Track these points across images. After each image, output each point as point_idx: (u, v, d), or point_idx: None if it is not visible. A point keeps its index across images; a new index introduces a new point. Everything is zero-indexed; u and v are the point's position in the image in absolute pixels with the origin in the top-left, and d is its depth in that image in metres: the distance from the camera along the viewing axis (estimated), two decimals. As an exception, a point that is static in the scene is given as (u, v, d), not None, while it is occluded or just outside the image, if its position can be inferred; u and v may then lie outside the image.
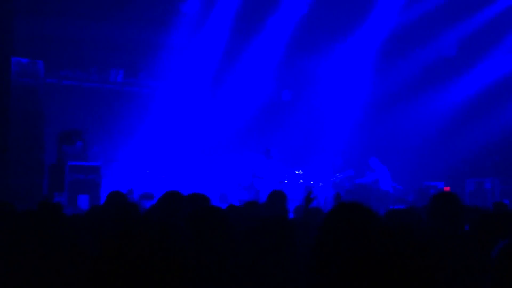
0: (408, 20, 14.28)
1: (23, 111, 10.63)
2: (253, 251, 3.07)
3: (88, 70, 15.08)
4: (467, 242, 3.67)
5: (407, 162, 14.85)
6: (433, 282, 1.54)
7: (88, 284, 1.52)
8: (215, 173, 14.43)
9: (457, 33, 14.91)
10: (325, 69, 15.79)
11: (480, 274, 3.00)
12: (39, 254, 2.68)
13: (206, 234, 2.75)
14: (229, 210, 5.03)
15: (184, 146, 14.77)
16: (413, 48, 15.26)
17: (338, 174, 14.29)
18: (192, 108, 15.32)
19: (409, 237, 1.60)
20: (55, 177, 11.40)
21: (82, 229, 4.11)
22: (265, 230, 2.94)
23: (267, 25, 14.76)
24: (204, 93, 15.46)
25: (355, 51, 15.33)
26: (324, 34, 14.80)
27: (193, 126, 15.24)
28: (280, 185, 12.55)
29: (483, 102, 15.04)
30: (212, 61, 15.02)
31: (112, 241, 1.53)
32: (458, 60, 15.45)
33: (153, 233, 1.54)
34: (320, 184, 13.97)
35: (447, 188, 13.11)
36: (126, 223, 1.61)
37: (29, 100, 10.77)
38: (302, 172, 14.08)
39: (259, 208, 5.43)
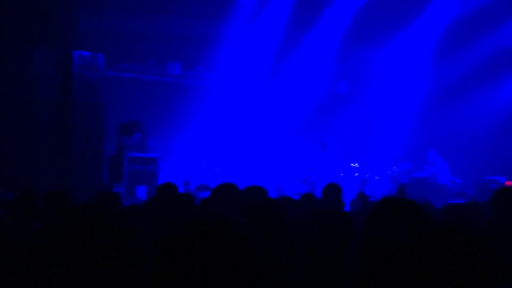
0: (469, 9, 13.87)
1: (84, 103, 10.92)
2: (310, 245, 3.05)
3: (146, 63, 15.34)
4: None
5: (467, 155, 14.46)
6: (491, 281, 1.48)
7: (150, 278, 1.52)
8: (271, 165, 14.45)
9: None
10: (382, 60, 15.53)
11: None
12: (97, 245, 2.74)
13: (264, 227, 2.75)
14: (285, 202, 5.02)
15: (240, 138, 14.86)
16: (473, 38, 14.81)
17: (395, 167, 14.06)
18: (248, 100, 15.37)
19: (461, 234, 1.54)
20: (114, 168, 11.68)
21: (140, 220, 4.18)
22: (324, 224, 2.91)
23: (323, 16, 14.64)
24: (260, 85, 15.48)
25: (413, 42, 15.02)
26: (382, 24, 14.56)
27: (249, 118, 15.29)
28: (335, 178, 12.45)
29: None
30: (268, 53, 15.02)
31: (174, 236, 1.53)
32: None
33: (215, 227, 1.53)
34: (376, 177, 13.79)
35: (509, 183, 12.71)
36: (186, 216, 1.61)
37: (90, 93, 11.05)
38: (357, 166, 13.92)
39: (315, 201, 5.41)
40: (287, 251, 2.72)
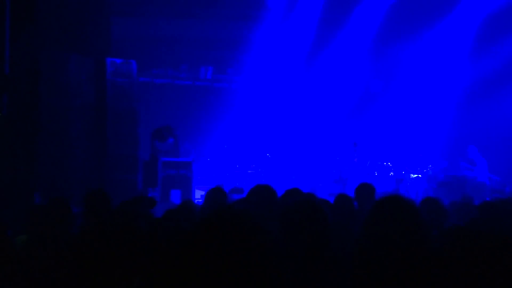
0: (504, 2, 13.58)
1: (118, 109, 11.06)
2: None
3: (178, 68, 15.48)
4: None
5: (505, 152, 14.17)
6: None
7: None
8: (304, 166, 14.40)
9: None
10: (415, 57, 15.33)
11: None
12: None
13: (305, 227, 2.73)
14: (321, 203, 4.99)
15: (273, 140, 14.86)
16: (509, 32, 14.51)
17: (430, 165, 13.86)
18: (280, 101, 15.37)
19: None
20: (149, 172, 11.79)
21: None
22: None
23: (354, 15, 14.54)
24: (292, 86, 15.46)
25: (446, 38, 14.79)
26: (414, 21, 14.37)
27: (282, 119, 15.29)
28: (368, 177, 12.37)
29: None
30: (299, 54, 14.99)
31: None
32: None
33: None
34: (412, 175, 13.60)
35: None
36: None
37: (123, 99, 11.18)
38: (391, 165, 13.79)
39: (349, 201, 5.37)
40: (325, 249, 2.70)
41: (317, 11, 14.17)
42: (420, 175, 13.45)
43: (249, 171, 13.88)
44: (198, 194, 11.89)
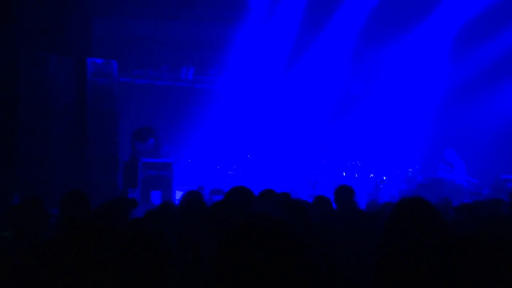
0: (483, 7, 13.75)
1: (98, 110, 11.00)
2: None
3: (160, 68, 15.43)
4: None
5: (482, 154, 14.35)
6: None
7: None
8: (284, 168, 14.45)
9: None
10: (396, 60, 15.47)
11: None
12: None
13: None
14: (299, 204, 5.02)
15: (253, 142, 14.88)
16: (488, 36, 14.69)
17: (410, 169, 14.01)
18: (261, 103, 15.40)
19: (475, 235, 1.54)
20: (129, 173, 11.73)
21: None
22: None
23: (336, 17, 14.61)
24: (273, 88, 15.50)
25: (426, 41, 14.94)
26: (395, 24, 14.50)
27: (262, 121, 15.32)
28: (336, 178, 12.57)
29: None
30: (280, 56, 15.04)
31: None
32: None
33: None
34: (384, 178, 13.68)
35: (526, 181, 12.60)
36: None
37: (104, 99, 11.12)
38: (360, 164, 13.96)
39: (328, 203, 5.41)
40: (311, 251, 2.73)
41: (298, 13, 14.22)
42: (395, 178, 13.55)
43: (230, 172, 13.89)
44: (179, 195, 11.87)
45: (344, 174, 13.83)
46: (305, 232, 2.78)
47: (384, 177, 13.58)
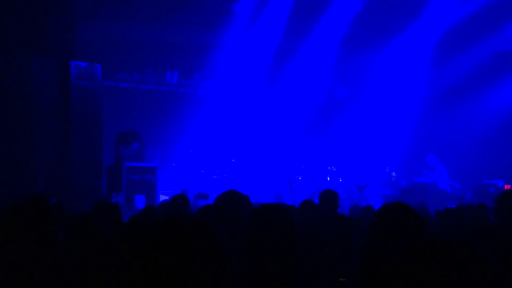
0: (465, 14, 13.90)
1: (82, 113, 10.92)
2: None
3: (144, 72, 15.38)
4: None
5: (465, 159, 14.48)
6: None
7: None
8: (269, 172, 14.46)
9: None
10: (380, 66, 15.58)
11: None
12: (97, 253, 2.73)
13: (273, 233, 2.74)
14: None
15: (238, 146, 14.87)
16: (470, 42, 14.86)
17: (393, 173, 14.08)
18: (246, 108, 15.41)
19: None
20: (113, 177, 11.66)
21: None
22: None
23: (321, 23, 14.67)
24: (258, 93, 15.52)
25: (411, 47, 15.06)
26: (379, 30, 14.60)
27: (247, 125, 15.32)
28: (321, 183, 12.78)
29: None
30: (266, 61, 15.06)
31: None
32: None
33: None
34: (359, 185, 13.71)
35: (508, 186, 12.72)
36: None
37: (87, 103, 11.04)
38: (335, 169, 14.05)
39: (314, 207, 5.42)
40: (293, 253, 2.72)
41: (283, 18, 14.25)
42: (367, 184, 13.59)
43: (214, 177, 13.86)
44: (163, 199, 11.82)
45: (328, 179, 13.89)
46: (290, 238, 2.79)
47: (367, 184, 13.64)
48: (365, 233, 2.64)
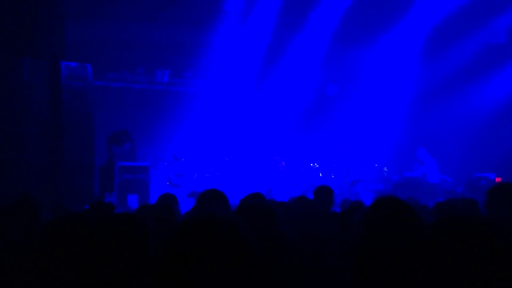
0: (454, 8, 13.96)
1: (73, 114, 10.89)
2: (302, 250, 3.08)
3: (135, 71, 15.34)
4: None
5: (456, 153, 14.55)
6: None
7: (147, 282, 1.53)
8: (261, 170, 14.47)
9: (506, 19, 14.51)
10: (370, 61, 15.62)
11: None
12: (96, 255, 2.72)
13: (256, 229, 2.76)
14: (277, 206, 5.05)
15: (230, 144, 14.88)
16: (460, 36, 14.92)
17: (385, 168, 14.15)
18: (237, 106, 15.41)
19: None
20: (105, 177, 11.65)
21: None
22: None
23: (310, 20, 14.70)
24: (249, 90, 15.53)
25: (400, 42, 15.11)
26: (368, 26, 14.65)
27: (239, 123, 15.32)
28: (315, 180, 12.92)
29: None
30: (256, 58, 15.06)
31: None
32: (507, 47, 15.04)
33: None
34: (357, 180, 13.76)
35: (498, 179, 12.80)
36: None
37: (78, 103, 11.02)
38: (318, 166, 14.14)
39: (308, 203, 5.44)
40: (279, 253, 2.73)
41: (273, 15, 14.27)
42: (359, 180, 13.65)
43: (207, 175, 13.86)
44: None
45: (321, 175, 13.94)
46: (270, 237, 2.80)
47: (358, 179, 13.69)
48: (354, 227, 2.65)
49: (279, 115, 15.57)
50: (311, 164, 14.22)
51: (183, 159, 12.79)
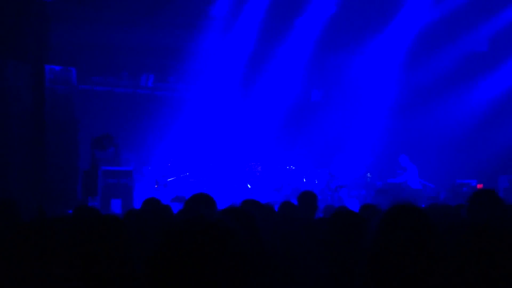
0: (439, 16, 14.11)
1: (57, 117, 10.84)
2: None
3: (119, 75, 15.28)
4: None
5: (438, 160, 14.69)
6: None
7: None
8: (245, 174, 14.49)
9: (488, 27, 14.70)
10: (354, 68, 15.73)
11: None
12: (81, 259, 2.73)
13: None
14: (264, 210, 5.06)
15: (215, 149, 14.87)
16: (443, 44, 15.09)
17: (368, 174, 14.25)
18: (222, 110, 15.41)
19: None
20: (89, 182, 11.58)
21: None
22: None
23: (295, 26, 14.77)
24: (234, 95, 15.54)
25: (384, 49, 15.24)
26: (353, 32, 14.74)
27: (224, 128, 15.33)
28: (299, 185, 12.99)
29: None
30: (241, 63, 15.09)
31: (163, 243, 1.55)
32: (489, 56, 15.23)
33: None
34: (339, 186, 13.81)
35: (480, 186, 12.95)
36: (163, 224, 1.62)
37: (62, 107, 10.97)
38: (294, 168, 14.26)
39: (293, 208, 5.48)
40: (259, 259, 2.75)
41: (259, 21, 14.31)
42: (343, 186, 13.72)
43: (191, 180, 13.85)
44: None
45: (304, 180, 13.99)
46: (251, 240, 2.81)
47: (342, 185, 13.76)
48: (369, 233, 2.60)
49: (263, 120, 15.60)
50: (287, 167, 14.28)
51: (169, 164, 12.78)
